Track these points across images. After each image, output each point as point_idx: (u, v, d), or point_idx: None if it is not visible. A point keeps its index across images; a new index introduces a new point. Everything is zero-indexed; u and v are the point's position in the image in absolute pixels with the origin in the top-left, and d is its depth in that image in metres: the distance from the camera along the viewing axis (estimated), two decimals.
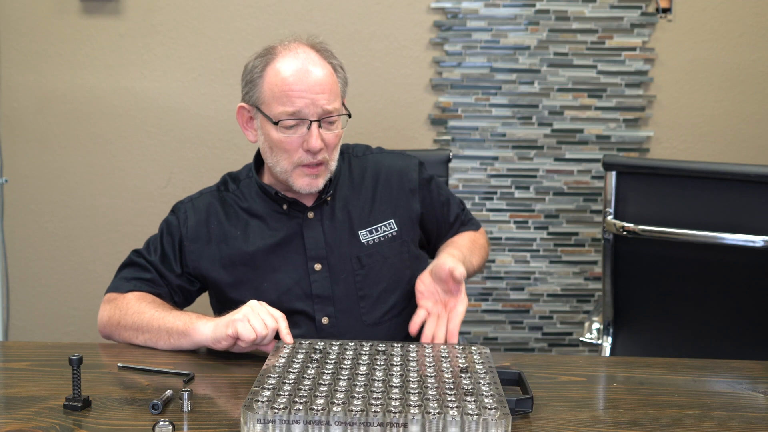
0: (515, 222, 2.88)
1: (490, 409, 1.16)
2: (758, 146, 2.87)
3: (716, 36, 2.82)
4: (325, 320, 1.69)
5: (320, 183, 1.67)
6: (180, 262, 1.73)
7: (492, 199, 2.87)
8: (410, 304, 1.72)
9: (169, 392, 1.29)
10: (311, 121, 1.61)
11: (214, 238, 1.72)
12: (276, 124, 1.62)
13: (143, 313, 1.60)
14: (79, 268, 2.87)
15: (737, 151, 2.87)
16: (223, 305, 1.71)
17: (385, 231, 1.74)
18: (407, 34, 2.78)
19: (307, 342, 1.47)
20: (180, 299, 1.75)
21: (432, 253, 1.88)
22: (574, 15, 2.78)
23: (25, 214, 2.85)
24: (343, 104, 1.70)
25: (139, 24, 2.76)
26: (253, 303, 1.49)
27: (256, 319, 1.45)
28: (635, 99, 2.83)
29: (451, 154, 2.16)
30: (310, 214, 1.72)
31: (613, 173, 2.08)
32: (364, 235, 1.73)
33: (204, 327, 1.50)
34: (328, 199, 1.73)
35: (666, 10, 2.79)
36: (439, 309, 1.63)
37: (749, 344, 2.07)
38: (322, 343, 1.46)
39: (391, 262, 1.73)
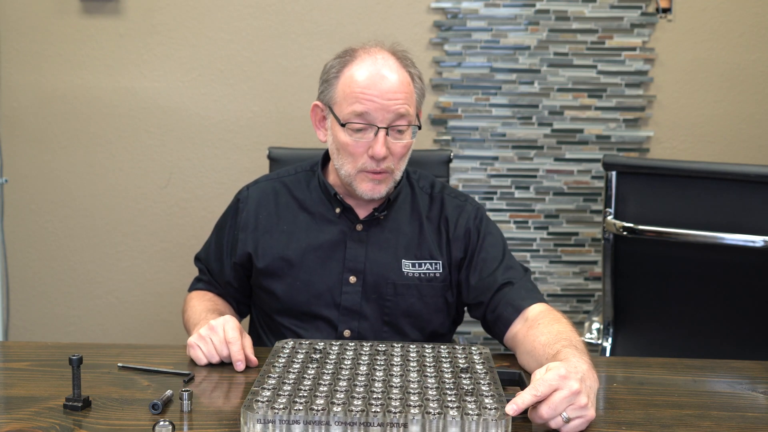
0: (515, 222, 2.88)
1: (490, 409, 1.16)
2: (758, 146, 2.87)
3: (716, 36, 2.82)
4: (347, 333, 1.68)
5: (383, 190, 1.64)
6: (233, 251, 1.74)
7: (492, 199, 2.87)
8: None
9: (169, 392, 1.29)
10: (378, 128, 1.58)
11: (260, 227, 1.72)
12: (344, 125, 1.60)
13: (185, 313, 1.73)
14: (79, 268, 2.87)
15: (737, 151, 2.87)
16: (256, 287, 1.74)
17: (429, 269, 1.69)
18: (407, 34, 2.78)
19: (307, 342, 1.47)
20: (239, 295, 1.79)
21: (461, 307, 1.77)
22: (574, 15, 2.78)
23: (25, 214, 2.85)
24: (417, 116, 1.66)
25: (139, 24, 2.76)
26: (213, 324, 1.49)
27: (207, 346, 1.48)
28: (635, 99, 2.83)
29: (452, 154, 2.14)
30: (359, 227, 1.69)
31: (613, 173, 2.08)
32: (406, 265, 1.69)
33: None
34: (381, 217, 1.70)
35: (666, 10, 2.79)
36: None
37: (749, 344, 2.07)
38: (322, 343, 1.45)
39: (425, 302, 1.69)
